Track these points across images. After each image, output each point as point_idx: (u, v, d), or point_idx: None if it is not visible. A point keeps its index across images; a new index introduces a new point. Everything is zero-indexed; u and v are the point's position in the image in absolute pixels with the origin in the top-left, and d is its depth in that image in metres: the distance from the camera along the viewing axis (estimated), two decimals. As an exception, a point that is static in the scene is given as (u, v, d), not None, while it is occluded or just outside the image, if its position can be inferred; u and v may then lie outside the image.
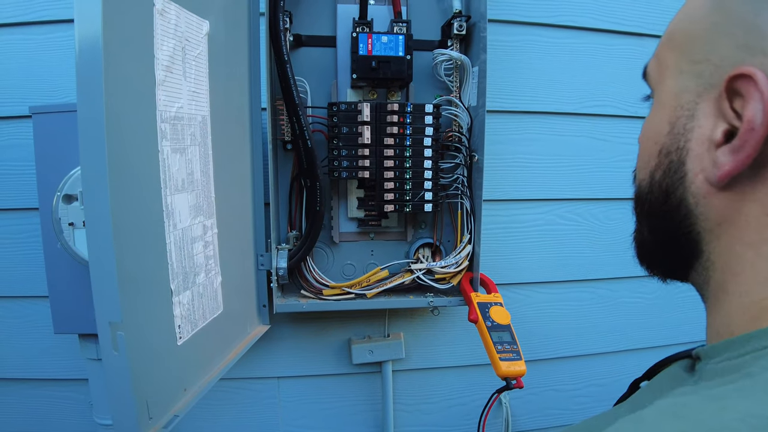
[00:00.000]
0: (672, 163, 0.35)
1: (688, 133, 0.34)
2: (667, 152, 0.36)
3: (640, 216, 0.40)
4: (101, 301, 0.52)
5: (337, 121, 0.89)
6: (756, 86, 0.29)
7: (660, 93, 0.38)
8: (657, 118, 0.37)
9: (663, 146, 0.36)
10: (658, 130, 0.37)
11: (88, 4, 0.48)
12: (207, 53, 0.72)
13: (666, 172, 0.36)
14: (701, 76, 0.33)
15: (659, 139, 0.36)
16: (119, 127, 0.52)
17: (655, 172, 0.37)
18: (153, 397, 0.60)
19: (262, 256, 0.91)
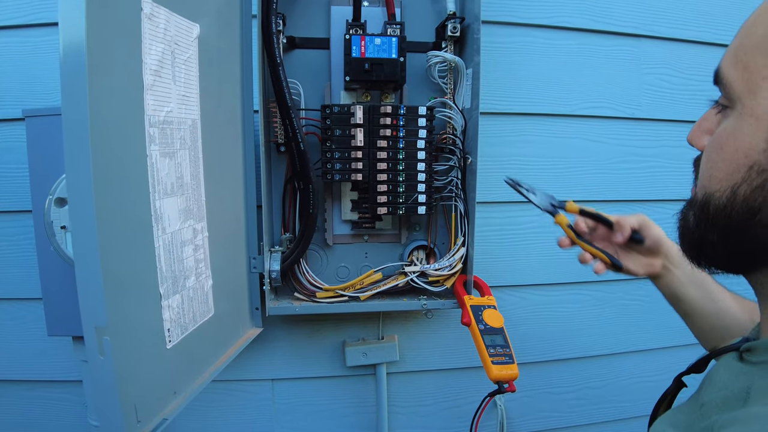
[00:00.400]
0: (766, 182, 0.34)
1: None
2: (762, 170, 0.35)
3: (709, 224, 0.39)
4: (87, 306, 0.52)
5: (330, 123, 0.89)
6: None
7: (752, 105, 0.36)
8: (749, 131, 0.36)
9: (756, 163, 0.35)
10: (752, 144, 0.35)
11: (72, 9, 0.48)
12: (197, 57, 0.72)
13: (758, 189, 0.35)
14: None
15: (752, 155, 0.35)
16: (105, 131, 0.52)
17: (740, 187, 0.36)
18: (141, 400, 0.60)
19: (254, 258, 0.91)
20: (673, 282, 0.73)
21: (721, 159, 0.38)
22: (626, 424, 1.24)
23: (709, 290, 0.70)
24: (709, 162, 0.39)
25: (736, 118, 0.37)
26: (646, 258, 0.74)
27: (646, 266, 0.74)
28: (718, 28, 1.13)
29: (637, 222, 0.74)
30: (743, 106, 0.37)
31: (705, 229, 0.40)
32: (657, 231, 0.73)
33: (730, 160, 0.37)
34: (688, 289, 0.72)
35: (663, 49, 1.12)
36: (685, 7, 1.12)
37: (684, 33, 1.12)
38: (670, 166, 1.16)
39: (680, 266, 0.72)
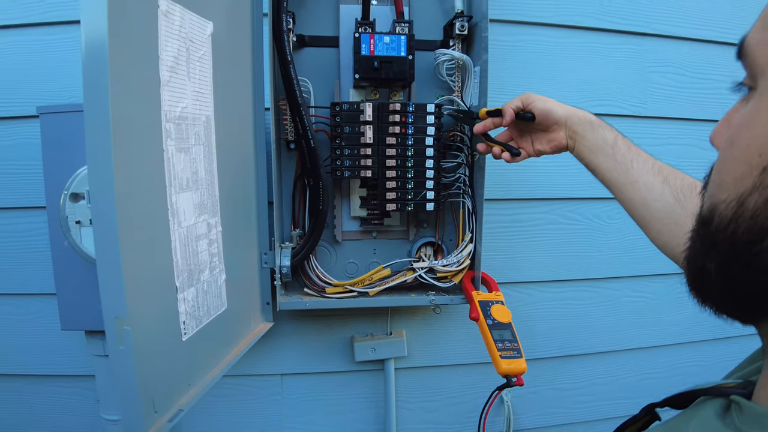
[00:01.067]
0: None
1: None
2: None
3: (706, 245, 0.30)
4: (108, 297, 0.53)
5: (339, 120, 0.90)
6: None
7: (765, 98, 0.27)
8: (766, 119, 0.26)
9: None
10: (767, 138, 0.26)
11: (94, 7, 0.49)
12: (211, 54, 0.73)
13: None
14: None
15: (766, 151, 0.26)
16: (124, 127, 0.53)
17: (749, 197, 0.26)
18: (158, 391, 0.61)
19: (265, 254, 0.92)
20: (582, 151, 0.73)
21: (731, 158, 0.28)
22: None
23: (622, 161, 0.70)
24: (720, 163, 0.30)
25: (755, 102, 0.27)
26: (548, 134, 0.75)
27: (551, 142, 0.75)
28: (723, 27, 1.14)
29: (522, 101, 0.75)
30: (766, 84, 0.27)
31: (705, 254, 0.30)
32: (544, 102, 0.74)
33: (741, 158, 0.27)
34: (597, 158, 0.71)
35: (668, 47, 1.13)
36: (691, 6, 1.13)
37: (689, 31, 1.13)
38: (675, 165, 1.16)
39: (586, 136, 0.72)
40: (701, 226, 0.31)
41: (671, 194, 0.66)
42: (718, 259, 0.29)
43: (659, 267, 1.16)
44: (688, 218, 0.62)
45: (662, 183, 0.67)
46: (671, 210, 0.65)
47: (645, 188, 0.68)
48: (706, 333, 1.24)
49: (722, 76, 1.14)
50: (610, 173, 0.71)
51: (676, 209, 0.65)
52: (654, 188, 0.67)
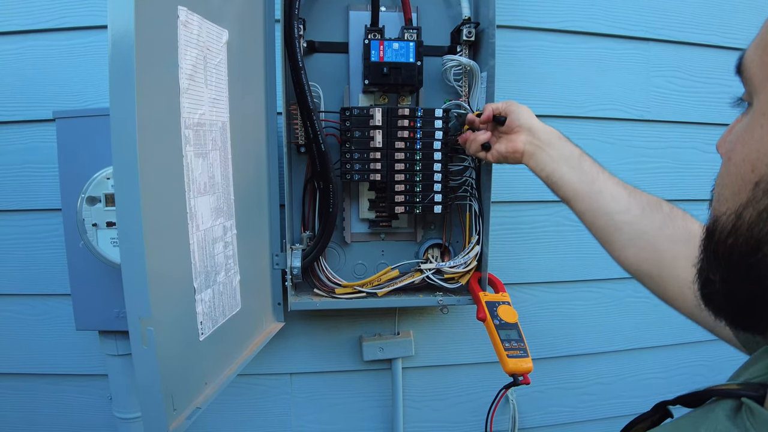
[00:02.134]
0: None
1: None
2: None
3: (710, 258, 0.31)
4: (132, 297, 0.55)
5: (349, 125, 0.92)
6: None
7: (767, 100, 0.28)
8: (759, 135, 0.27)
9: (763, 178, 0.26)
10: (761, 153, 0.27)
11: (122, 17, 0.51)
12: (226, 61, 0.75)
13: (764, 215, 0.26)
14: None
15: (760, 167, 0.26)
16: (148, 133, 0.55)
17: (745, 210, 0.27)
18: (177, 389, 0.63)
19: (277, 255, 0.94)
20: (545, 160, 0.72)
21: (728, 173, 0.29)
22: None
23: (588, 173, 0.70)
24: (720, 177, 0.31)
25: (749, 118, 0.29)
26: (509, 135, 0.77)
27: (508, 143, 0.77)
28: (725, 32, 1.16)
29: (504, 106, 0.78)
30: (759, 102, 0.28)
31: (709, 266, 0.31)
32: (521, 112, 0.76)
33: (737, 173, 0.28)
34: (560, 167, 0.71)
35: (671, 52, 1.15)
36: (693, 11, 1.14)
37: (692, 36, 1.15)
38: (677, 167, 1.19)
39: (552, 145, 0.73)
40: (706, 238, 0.31)
41: (638, 206, 0.65)
42: (721, 270, 0.30)
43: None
44: (656, 231, 0.62)
45: (628, 196, 0.67)
46: (638, 222, 0.64)
47: (611, 198, 0.67)
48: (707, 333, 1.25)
49: (724, 80, 1.15)
50: (574, 184, 0.70)
51: (643, 221, 0.64)
52: (620, 200, 0.67)
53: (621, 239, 0.66)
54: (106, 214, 0.83)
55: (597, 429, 1.25)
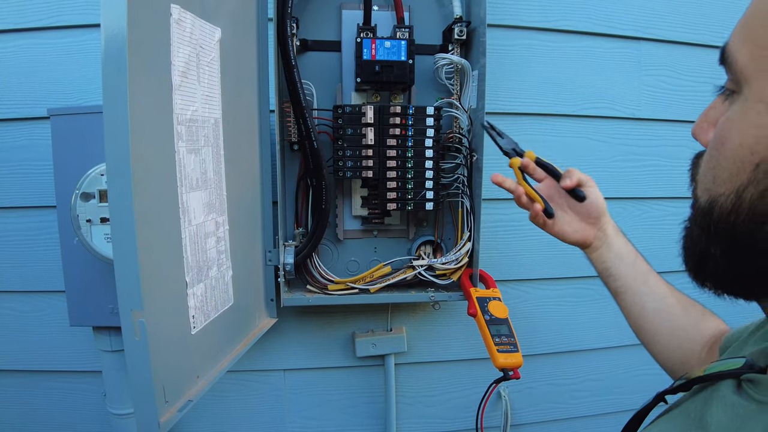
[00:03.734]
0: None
1: None
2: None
3: (713, 235, 0.33)
4: (124, 291, 0.55)
5: (342, 122, 0.93)
6: None
7: (761, 87, 0.30)
8: (757, 121, 0.30)
9: (763, 160, 0.29)
10: (759, 137, 0.29)
11: (114, 15, 0.52)
12: (219, 59, 0.76)
13: (766, 193, 0.29)
14: None
15: (759, 150, 0.29)
16: (141, 129, 0.56)
17: (745, 190, 0.30)
18: (169, 382, 0.64)
19: (270, 252, 0.95)
20: (607, 256, 0.72)
21: (724, 156, 0.32)
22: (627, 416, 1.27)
23: (642, 271, 0.71)
24: (712, 160, 0.33)
25: (742, 105, 0.31)
26: (582, 223, 0.73)
27: (581, 231, 0.73)
28: (716, 31, 1.17)
29: (586, 180, 0.73)
30: (750, 90, 0.31)
31: (708, 241, 0.34)
32: (600, 197, 0.73)
33: (734, 157, 0.31)
34: (620, 263, 0.71)
35: (662, 51, 1.16)
36: (684, 10, 1.16)
37: (683, 35, 1.16)
38: (669, 165, 1.20)
39: (614, 243, 0.72)
40: (702, 216, 0.34)
41: (678, 305, 0.69)
42: (722, 245, 0.32)
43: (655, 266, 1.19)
44: (693, 329, 0.66)
45: (671, 294, 0.70)
46: (680, 321, 0.68)
47: (661, 298, 0.69)
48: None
49: (714, 78, 1.17)
50: (629, 280, 0.71)
51: (684, 320, 0.68)
52: (667, 298, 0.69)
53: (665, 337, 0.69)
54: (100, 210, 0.84)
55: (589, 425, 1.26)
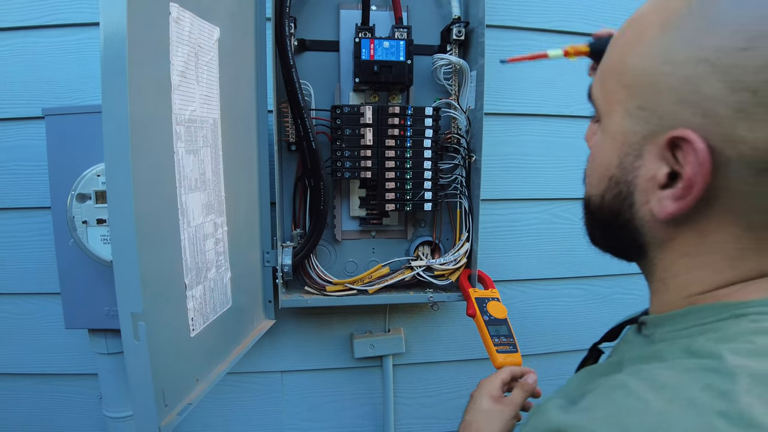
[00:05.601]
0: (621, 192, 0.39)
1: (636, 170, 0.38)
2: (617, 182, 0.39)
3: (591, 221, 0.45)
4: (124, 293, 0.55)
5: (340, 123, 0.92)
6: (694, 152, 0.32)
7: (609, 124, 0.40)
8: (606, 146, 0.40)
9: (613, 176, 0.40)
10: (609, 160, 0.40)
11: (114, 13, 0.52)
12: (217, 58, 0.76)
13: (616, 197, 0.40)
14: (646, 122, 0.36)
15: (610, 168, 0.40)
16: (140, 128, 0.56)
17: (605, 194, 0.41)
18: (168, 385, 0.63)
19: (268, 253, 0.95)
20: None
21: (593, 169, 0.43)
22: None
23: None
24: (589, 169, 0.44)
25: (601, 133, 0.42)
26: None
27: None
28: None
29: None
30: (605, 124, 0.41)
31: (591, 224, 0.46)
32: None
33: (598, 171, 0.42)
34: None
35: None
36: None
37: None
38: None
39: None
40: (586, 208, 0.46)
41: None
42: (598, 228, 0.45)
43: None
44: None
45: None
46: None
47: None
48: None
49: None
50: None
51: None
52: None
53: None
54: (96, 211, 0.83)
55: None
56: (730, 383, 0.29)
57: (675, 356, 0.35)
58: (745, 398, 0.28)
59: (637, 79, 0.37)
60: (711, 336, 0.34)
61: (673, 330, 0.38)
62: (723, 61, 0.31)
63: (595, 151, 0.43)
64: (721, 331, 0.34)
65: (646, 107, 0.36)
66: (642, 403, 0.31)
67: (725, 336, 0.33)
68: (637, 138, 0.37)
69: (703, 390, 0.30)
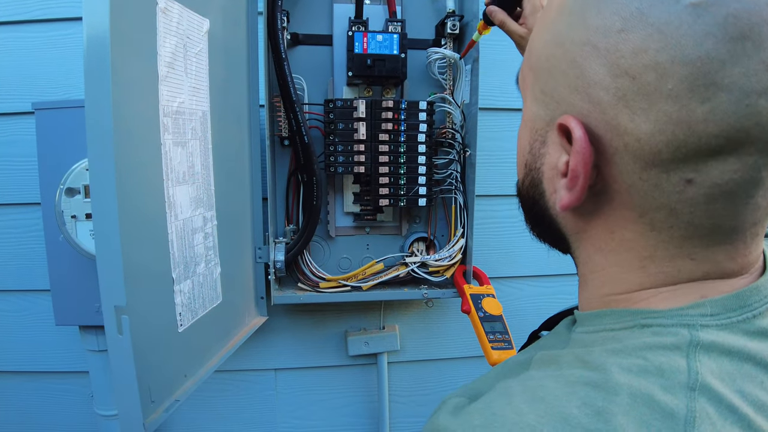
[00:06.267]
0: (534, 180, 0.38)
1: (542, 158, 0.36)
2: (530, 169, 0.38)
3: (522, 210, 0.43)
4: (107, 286, 0.54)
5: (333, 117, 0.91)
6: (574, 140, 0.31)
7: (524, 109, 0.39)
8: (522, 132, 0.39)
9: (527, 162, 0.38)
10: (523, 146, 0.39)
11: (97, 4, 0.51)
12: (207, 51, 0.75)
13: (531, 185, 0.38)
14: (547, 107, 0.35)
15: (524, 154, 0.39)
16: (124, 120, 0.55)
17: (524, 181, 0.39)
18: (155, 381, 0.62)
19: (260, 249, 0.94)
20: None
21: (517, 154, 0.42)
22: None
23: None
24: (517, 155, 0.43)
25: (522, 119, 0.41)
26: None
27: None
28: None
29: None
30: (523, 109, 0.40)
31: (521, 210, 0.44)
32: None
33: (518, 157, 0.41)
34: None
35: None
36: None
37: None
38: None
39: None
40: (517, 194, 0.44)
41: None
42: (525, 215, 0.42)
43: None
44: None
45: None
46: None
47: None
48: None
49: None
50: None
51: None
52: None
53: None
54: (85, 206, 0.82)
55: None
56: (607, 401, 0.28)
57: (569, 365, 0.33)
58: (620, 419, 0.27)
59: (539, 63, 0.36)
60: (608, 347, 0.32)
61: (585, 332, 0.36)
62: (603, 43, 0.29)
63: (518, 136, 0.42)
64: (621, 342, 0.32)
65: (546, 92, 0.35)
66: (516, 416, 0.29)
67: (621, 348, 0.31)
68: (542, 124, 0.36)
69: (579, 407, 0.28)
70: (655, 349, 0.30)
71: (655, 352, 0.30)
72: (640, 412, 0.27)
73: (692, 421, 0.27)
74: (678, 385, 0.28)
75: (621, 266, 0.35)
